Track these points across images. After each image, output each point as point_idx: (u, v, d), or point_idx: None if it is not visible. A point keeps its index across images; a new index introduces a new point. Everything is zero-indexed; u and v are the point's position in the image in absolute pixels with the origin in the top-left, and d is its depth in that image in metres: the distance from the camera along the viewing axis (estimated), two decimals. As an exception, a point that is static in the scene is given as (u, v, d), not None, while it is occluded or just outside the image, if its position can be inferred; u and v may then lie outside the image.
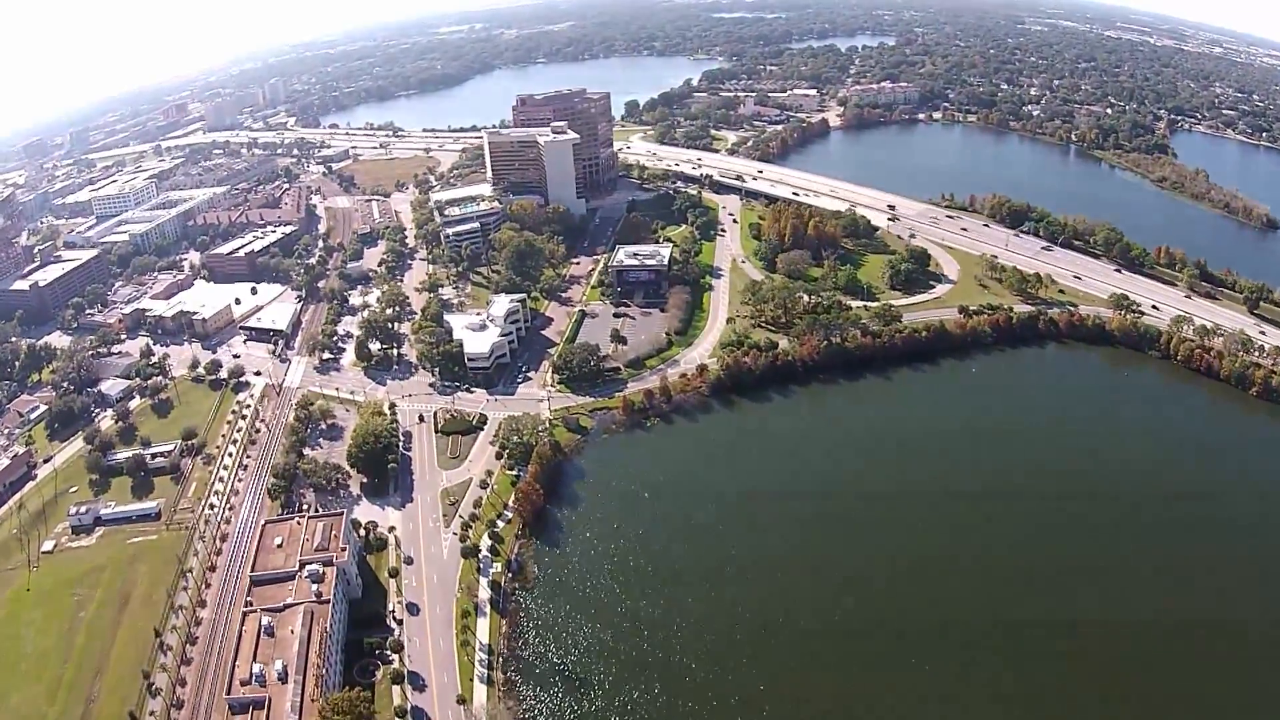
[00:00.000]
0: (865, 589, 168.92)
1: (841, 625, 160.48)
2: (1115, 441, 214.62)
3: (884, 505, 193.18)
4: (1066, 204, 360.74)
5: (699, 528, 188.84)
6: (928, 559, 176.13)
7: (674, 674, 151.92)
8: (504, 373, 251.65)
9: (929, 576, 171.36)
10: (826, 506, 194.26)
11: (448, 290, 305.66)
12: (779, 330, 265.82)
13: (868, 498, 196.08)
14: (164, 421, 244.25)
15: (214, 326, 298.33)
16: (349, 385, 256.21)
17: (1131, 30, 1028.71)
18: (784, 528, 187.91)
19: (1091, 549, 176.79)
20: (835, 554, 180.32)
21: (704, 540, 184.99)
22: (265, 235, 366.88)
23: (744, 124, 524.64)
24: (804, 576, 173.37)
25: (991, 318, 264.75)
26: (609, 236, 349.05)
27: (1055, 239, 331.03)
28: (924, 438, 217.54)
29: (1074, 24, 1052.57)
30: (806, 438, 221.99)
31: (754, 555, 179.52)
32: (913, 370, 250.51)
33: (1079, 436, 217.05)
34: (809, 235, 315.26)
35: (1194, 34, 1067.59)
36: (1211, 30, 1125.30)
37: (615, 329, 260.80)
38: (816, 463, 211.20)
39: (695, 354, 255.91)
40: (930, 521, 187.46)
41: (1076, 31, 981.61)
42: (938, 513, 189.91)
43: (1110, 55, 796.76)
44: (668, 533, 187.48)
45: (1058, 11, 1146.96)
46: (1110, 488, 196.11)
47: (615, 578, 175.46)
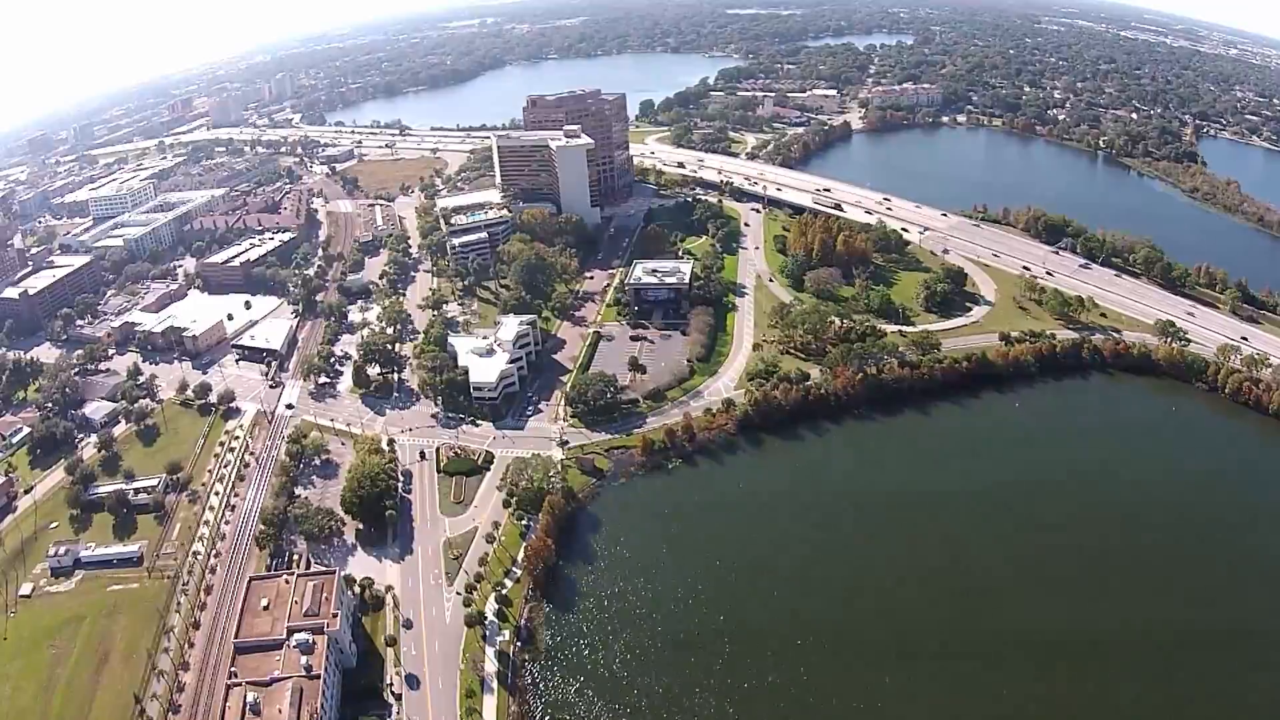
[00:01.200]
0: (910, 668, 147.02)
1: (888, 710, 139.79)
2: (1165, 482, 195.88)
3: (931, 566, 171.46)
4: (1100, 216, 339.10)
5: (724, 588, 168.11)
6: (977, 632, 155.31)
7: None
8: (513, 403, 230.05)
9: (978, 648, 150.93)
10: (866, 567, 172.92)
11: (453, 306, 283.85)
12: (809, 357, 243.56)
13: (912, 559, 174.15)
14: (149, 450, 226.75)
15: (205, 344, 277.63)
16: (345, 414, 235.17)
17: (1147, 30, 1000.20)
18: (818, 588, 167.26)
19: (1144, 593, 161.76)
20: (876, 624, 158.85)
21: (730, 603, 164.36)
22: (262, 243, 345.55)
23: (763, 126, 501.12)
24: (843, 649, 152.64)
25: (1034, 346, 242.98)
26: (625, 248, 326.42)
27: (1094, 257, 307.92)
28: (968, 483, 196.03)
29: (1090, 24, 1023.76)
30: (842, 484, 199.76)
31: (784, 620, 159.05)
32: (953, 405, 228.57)
33: (1128, 481, 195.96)
34: (838, 250, 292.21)
35: (1208, 35, 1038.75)
36: (1226, 31, 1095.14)
37: (633, 356, 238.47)
38: (853, 515, 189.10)
39: (720, 384, 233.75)
40: (978, 585, 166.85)
41: (1093, 32, 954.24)
42: (986, 575, 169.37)
43: (1129, 57, 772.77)
44: (689, 594, 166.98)
45: (1073, 11, 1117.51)
46: (1159, 530, 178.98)
47: (632, 649, 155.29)
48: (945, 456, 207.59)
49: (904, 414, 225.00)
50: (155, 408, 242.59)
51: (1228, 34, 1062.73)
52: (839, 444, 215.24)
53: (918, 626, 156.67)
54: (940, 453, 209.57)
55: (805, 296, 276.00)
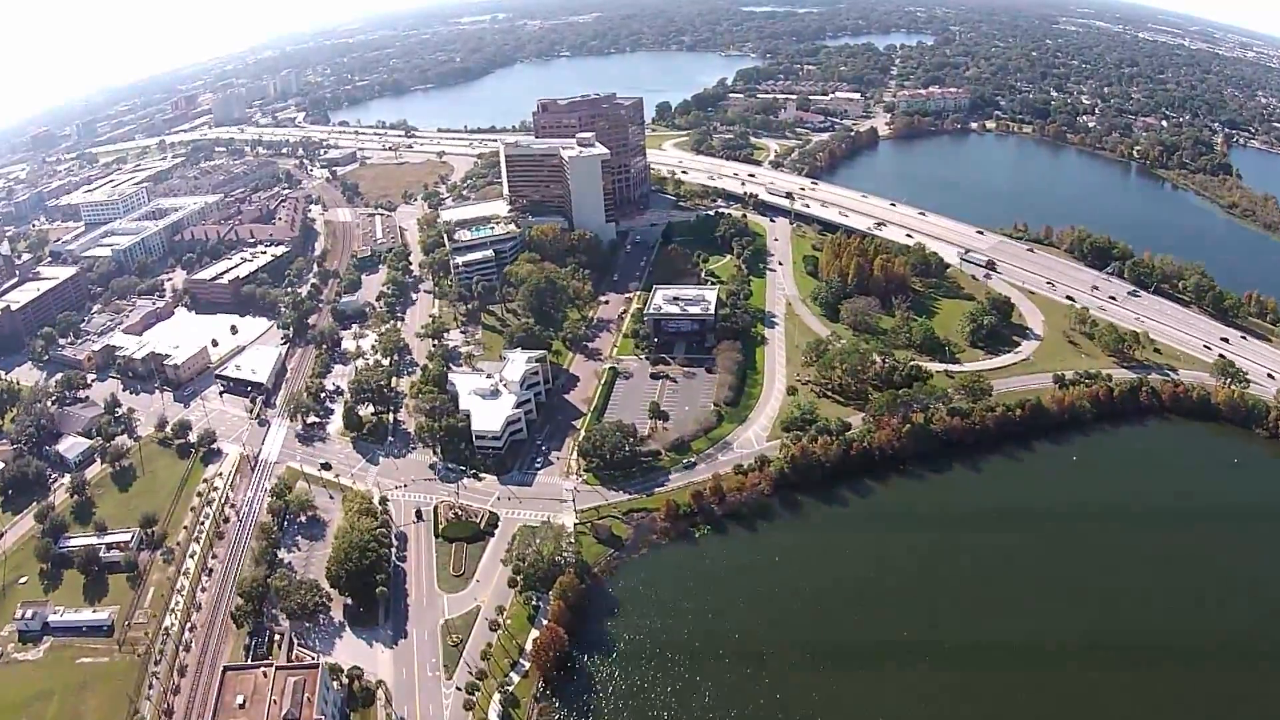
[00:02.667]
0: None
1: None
2: (1236, 551, 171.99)
3: (993, 655, 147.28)
4: (1141, 235, 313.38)
5: (761, 684, 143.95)
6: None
7: None
8: (520, 452, 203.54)
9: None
10: (922, 656, 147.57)
11: (455, 334, 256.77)
12: (848, 400, 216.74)
13: (976, 649, 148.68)
14: (124, 496, 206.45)
15: (187, 372, 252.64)
16: (335, 461, 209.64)
17: (1163, 32, 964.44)
18: (869, 689, 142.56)
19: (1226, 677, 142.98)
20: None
21: (768, 703, 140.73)
22: (254, 257, 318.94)
23: (786, 131, 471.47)
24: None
25: (1090, 390, 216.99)
26: (642, 268, 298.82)
27: (1143, 283, 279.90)
28: (1025, 554, 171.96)
29: (1107, 24, 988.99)
30: (890, 557, 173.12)
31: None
32: (1005, 458, 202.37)
33: (1196, 554, 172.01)
34: (874, 276, 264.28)
35: (1223, 36, 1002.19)
36: (1239, 33, 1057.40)
37: (654, 402, 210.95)
38: (904, 596, 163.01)
39: (750, 433, 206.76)
40: (1045, 671, 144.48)
41: (1111, 33, 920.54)
42: (1052, 658, 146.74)
43: (1150, 59, 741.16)
44: (720, 691, 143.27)
45: (1088, 11, 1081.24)
46: (1236, 614, 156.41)
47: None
48: (998, 520, 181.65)
49: (953, 469, 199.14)
50: (132, 446, 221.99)
51: (1242, 35, 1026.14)
52: (884, 506, 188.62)
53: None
54: (993, 516, 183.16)
55: (841, 329, 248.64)
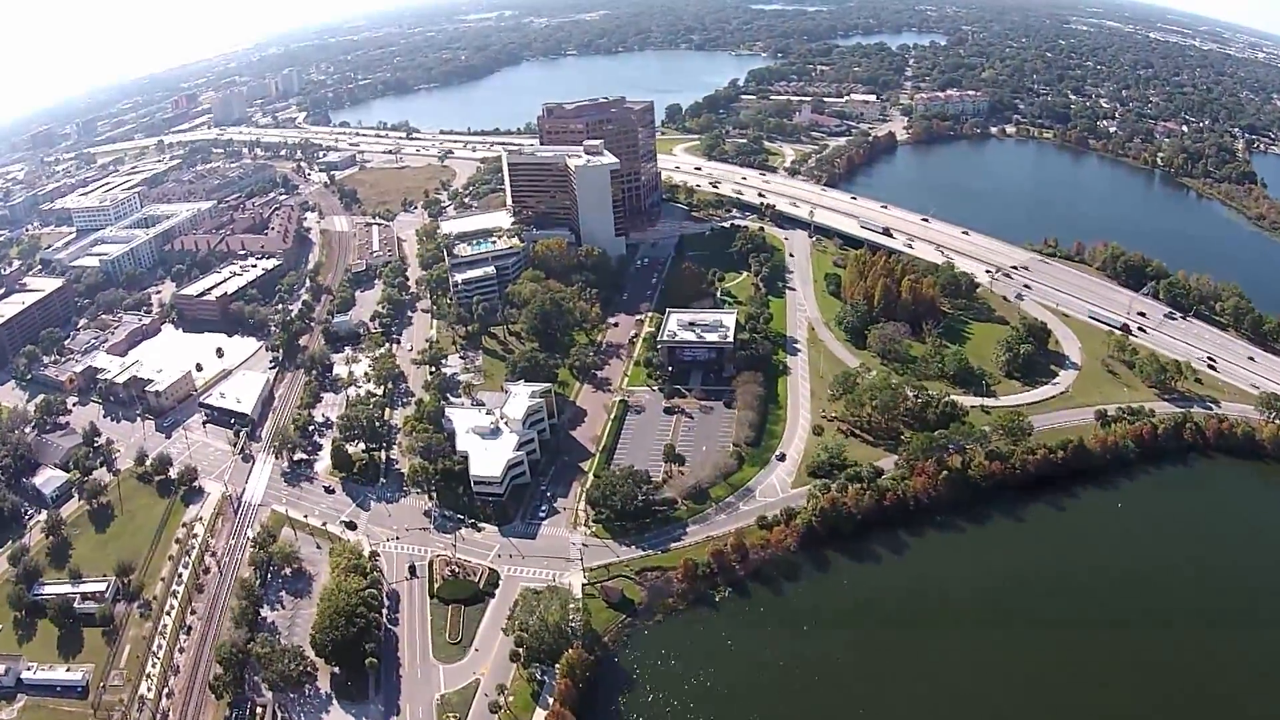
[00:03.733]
0: None
1: None
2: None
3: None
4: (1171, 249, 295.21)
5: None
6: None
7: None
8: (522, 497, 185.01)
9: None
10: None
11: (453, 360, 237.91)
12: (878, 440, 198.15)
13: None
14: (101, 538, 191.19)
15: (170, 399, 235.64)
16: (323, 504, 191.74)
17: (1174, 32, 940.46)
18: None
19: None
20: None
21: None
22: (244, 271, 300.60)
23: (801, 135, 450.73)
24: None
25: (1134, 428, 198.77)
26: (654, 286, 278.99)
27: (1179, 305, 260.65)
28: (1075, 617, 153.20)
29: (1117, 24, 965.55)
30: (929, 628, 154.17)
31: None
32: (1047, 506, 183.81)
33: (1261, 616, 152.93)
34: (902, 299, 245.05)
35: (1232, 36, 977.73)
36: (1248, 32, 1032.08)
37: (669, 445, 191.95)
38: (948, 675, 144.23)
39: (774, 478, 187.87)
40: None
41: (1123, 33, 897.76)
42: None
43: (1165, 61, 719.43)
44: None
45: (1098, 10, 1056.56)
46: None
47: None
48: (1043, 577, 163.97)
49: (992, 519, 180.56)
50: (111, 481, 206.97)
51: (1250, 35, 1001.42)
52: (920, 565, 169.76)
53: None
54: (1037, 572, 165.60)
55: (868, 357, 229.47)
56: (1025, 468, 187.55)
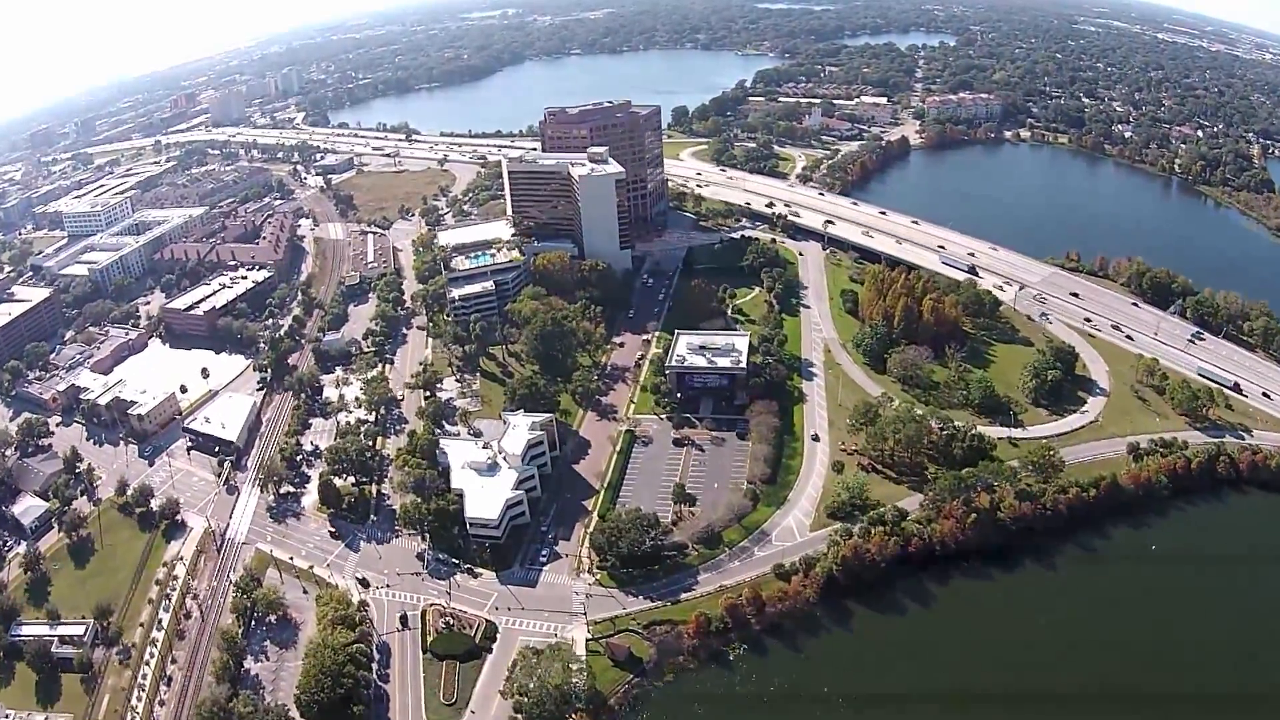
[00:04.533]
0: None
1: None
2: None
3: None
4: (1192, 262, 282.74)
5: None
6: None
7: None
8: (522, 540, 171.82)
9: None
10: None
11: (449, 384, 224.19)
12: (901, 476, 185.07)
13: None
14: (80, 575, 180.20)
15: (154, 422, 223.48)
16: (310, 543, 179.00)
17: (1181, 33, 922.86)
18: None
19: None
20: None
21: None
22: (234, 283, 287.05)
23: (811, 139, 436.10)
24: None
25: (1167, 462, 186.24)
26: (661, 302, 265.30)
27: (1206, 324, 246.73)
28: (1111, 672, 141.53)
29: (1125, 24, 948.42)
30: (956, 688, 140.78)
31: None
32: (1078, 549, 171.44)
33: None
34: (924, 319, 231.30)
35: (1239, 37, 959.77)
36: (1253, 33, 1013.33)
37: (679, 484, 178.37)
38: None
39: (791, 520, 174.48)
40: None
41: (1130, 33, 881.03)
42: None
43: (1174, 63, 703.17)
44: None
45: (1104, 10, 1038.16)
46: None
47: None
48: (1078, 629, 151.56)
49: (1023, 566, 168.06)
50: (91, 512, 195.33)
51: (1254, 36, 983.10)
52: (948, 616, 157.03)
53: None
54: (1071, 624, 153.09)
55: (888, 383, 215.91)
56: (1056, 507, 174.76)
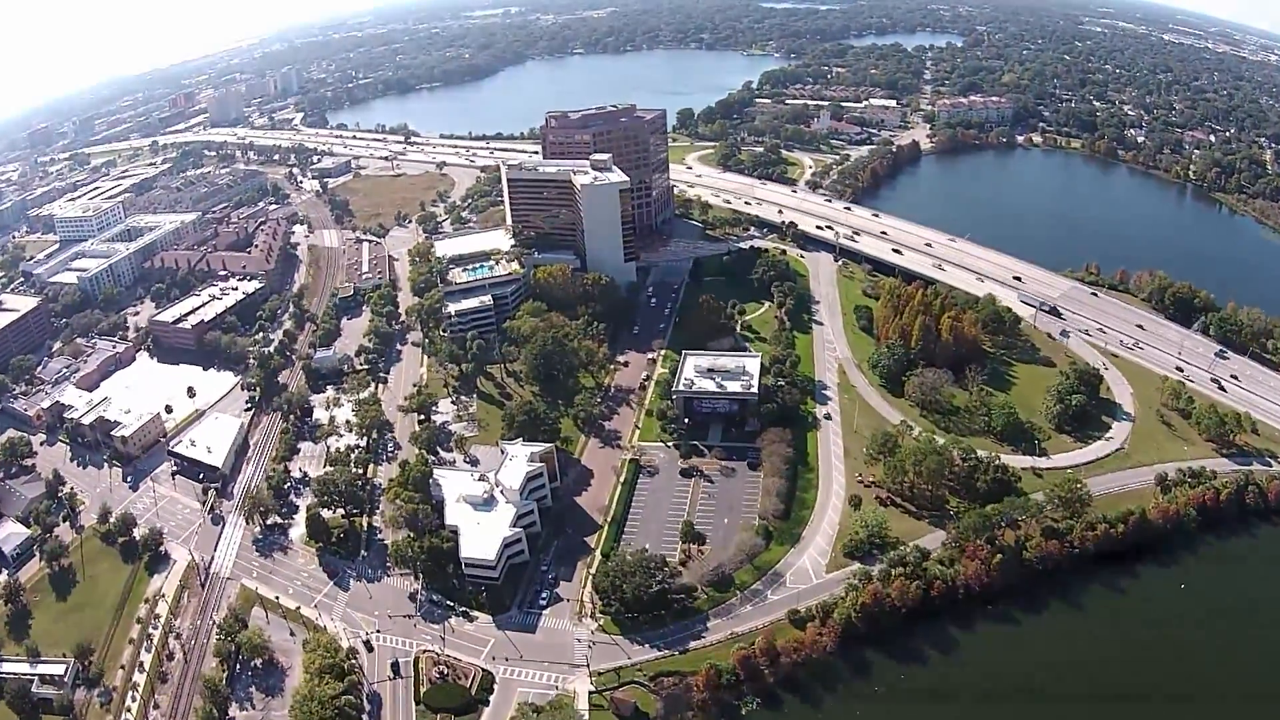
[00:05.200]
0: None
1: None
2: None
3: None
4: (1212, 275, 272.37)
5: None
6: None
7: None
8: (520, 581, 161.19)
9: None
10: None
11: (445, 406, 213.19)
12: (920, 510, 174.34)
13: None
14: (62, 607, 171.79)
15: (138, 444, 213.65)
16: (297, 580, 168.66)
17: (1186, 34, 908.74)
18: None
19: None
20: None
21: None
22: (224, 294, 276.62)
23: (820, 143, 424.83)
24: None
25: (1195, 494, 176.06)
26: (667, 317, 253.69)
27: (1230, 342, 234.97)
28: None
29: (1130, 25, 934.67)
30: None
31: None
32: (1106, 589, 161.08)
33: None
34: (943, 339, 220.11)
35: (1243, 39, 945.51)
36: (1256, 33, 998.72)
37: (687, 521, 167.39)
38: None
39: (806, 560, 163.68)
40: None
41: (1136, 34, 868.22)
42: None
43: (1182, 64, 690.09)
44: None
45: (1109, 10, 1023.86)
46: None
47: None
48: (1107, 676, 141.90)
49: (1048, 607, 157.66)
50: (73, 540, 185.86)
51: (1258, 37, 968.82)
52: (973, 664, 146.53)
53: None
54: (1100, 670, 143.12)
55: (906, 407, 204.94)
56: (1084, 545, 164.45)
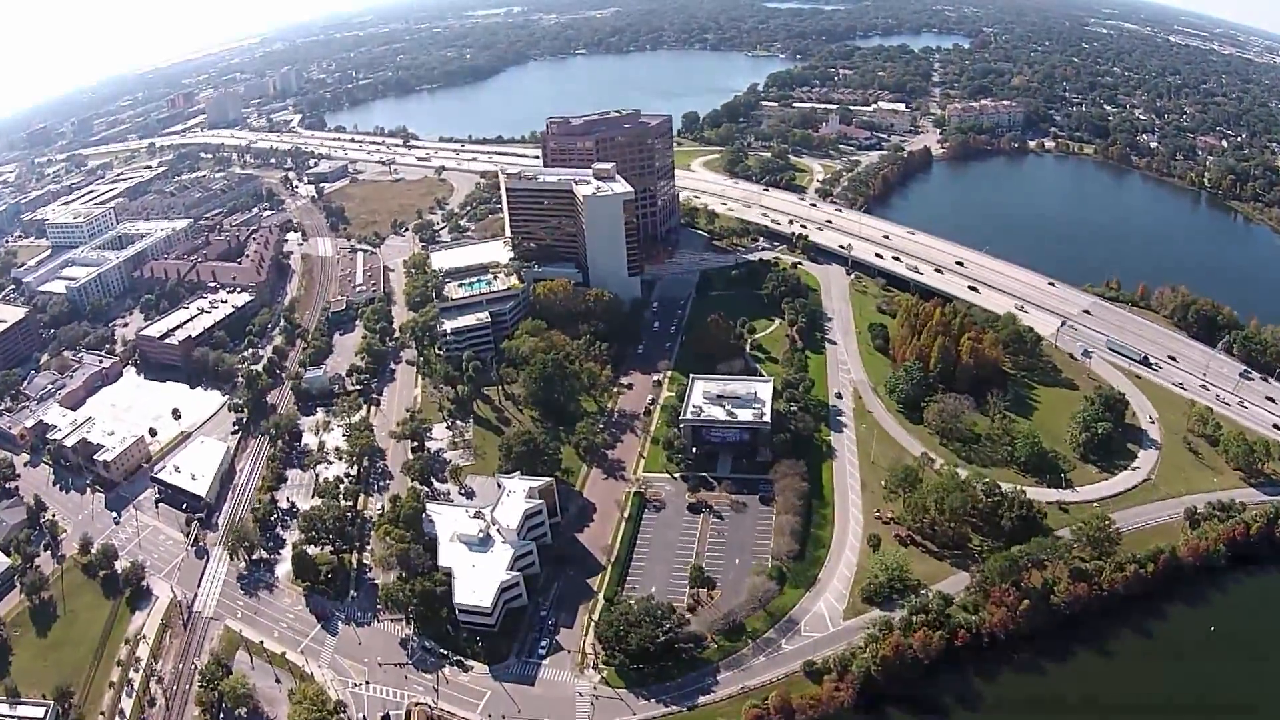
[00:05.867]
0: None
1: None
2: None
3: None
4: (1232, 289, 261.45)
5: None
6: None
7: None
8: (518, 627, 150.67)
9: None
10: None
11: (439, 432, 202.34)
12: (942, 549, 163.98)
13: None
14: (42, 644, 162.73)
15: (121, 469, 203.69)
16: (283, 621, 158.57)
17: (1192, 35, 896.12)
18: None
19: None
20: None
21: None
22: (213, 307, 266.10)
23: (829, 149, 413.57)
24: None
25: (1226, 529, 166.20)
26: (673, 335, 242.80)
27: (1254, 363, 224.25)
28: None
29: (1135, 26, 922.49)
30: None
31: None
32: (1133, 633, 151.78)
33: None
34: (963, 360, 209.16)
35: (1248, 40, 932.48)
36: (1260, 34, 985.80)
37: (696, 566, 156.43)
38: None
39: (822, 605, 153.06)
40: None
41: (1142, 35, 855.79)
42: None
43: (1190, 67, 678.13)
44: None
45: (1113, 12, 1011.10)
46: None
47: None
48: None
49: (1075, 654, 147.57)
50: (55, 570, 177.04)
51: (1262, 38, 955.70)
52: (997, 717, 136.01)
53: None
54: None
55: (925, 434, 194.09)
56: (1113, 587, 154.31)
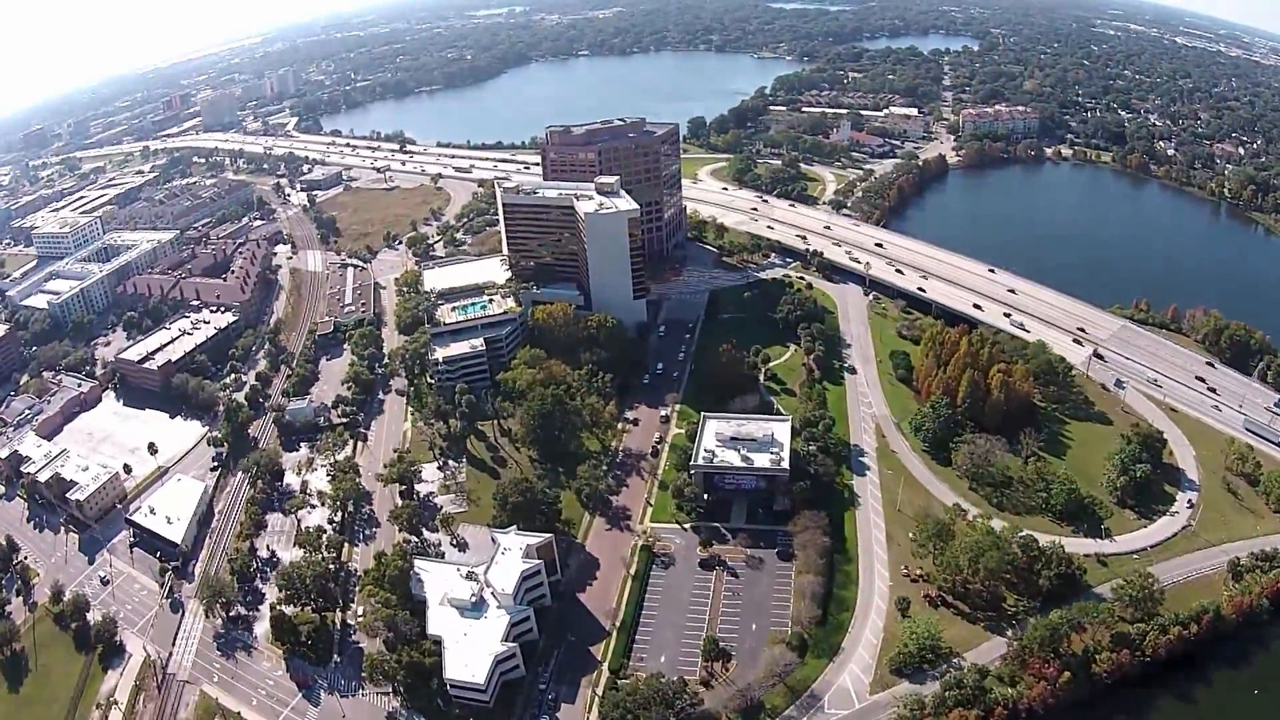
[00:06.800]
0: None
1: None
2: None
3: None
4: (1260, 309, 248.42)
5: None
6: None
7: None
8: (515, 700, 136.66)
9: None
10: None
11: (430, 472, 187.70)
12: (974, 610, 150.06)
13: None
14: (13, 701, 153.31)
15: (95, 507, 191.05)
16: (262, 688, 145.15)
17: (1198, 37, 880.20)
18: None
19: None
20: None
21: None
22: (195, 328, 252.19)
23: (840, 157, 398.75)
24: None
25: (1269, 580, 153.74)
26: (681, 364, 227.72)
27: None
28: None
29: (1141, 28, 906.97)
30: None
31: None
32: (1177, 699, 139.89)
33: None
34: (993, 395, 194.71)
35: (1253, 41, 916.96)
36: (1264, 35, 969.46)
37: (710, 637, 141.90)
38: None
39: (847, 678, 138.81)
40: None
41: (1150, 37, 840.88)
42: None
43: (1200, 70, 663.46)
44: None
45: (1119, 14, 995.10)
46: None
47: None
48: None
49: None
50: (26, 620, 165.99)
51: (1266, 39, 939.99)
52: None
53: None
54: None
55: (954, 478, 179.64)
56: (1156, 652, 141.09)
